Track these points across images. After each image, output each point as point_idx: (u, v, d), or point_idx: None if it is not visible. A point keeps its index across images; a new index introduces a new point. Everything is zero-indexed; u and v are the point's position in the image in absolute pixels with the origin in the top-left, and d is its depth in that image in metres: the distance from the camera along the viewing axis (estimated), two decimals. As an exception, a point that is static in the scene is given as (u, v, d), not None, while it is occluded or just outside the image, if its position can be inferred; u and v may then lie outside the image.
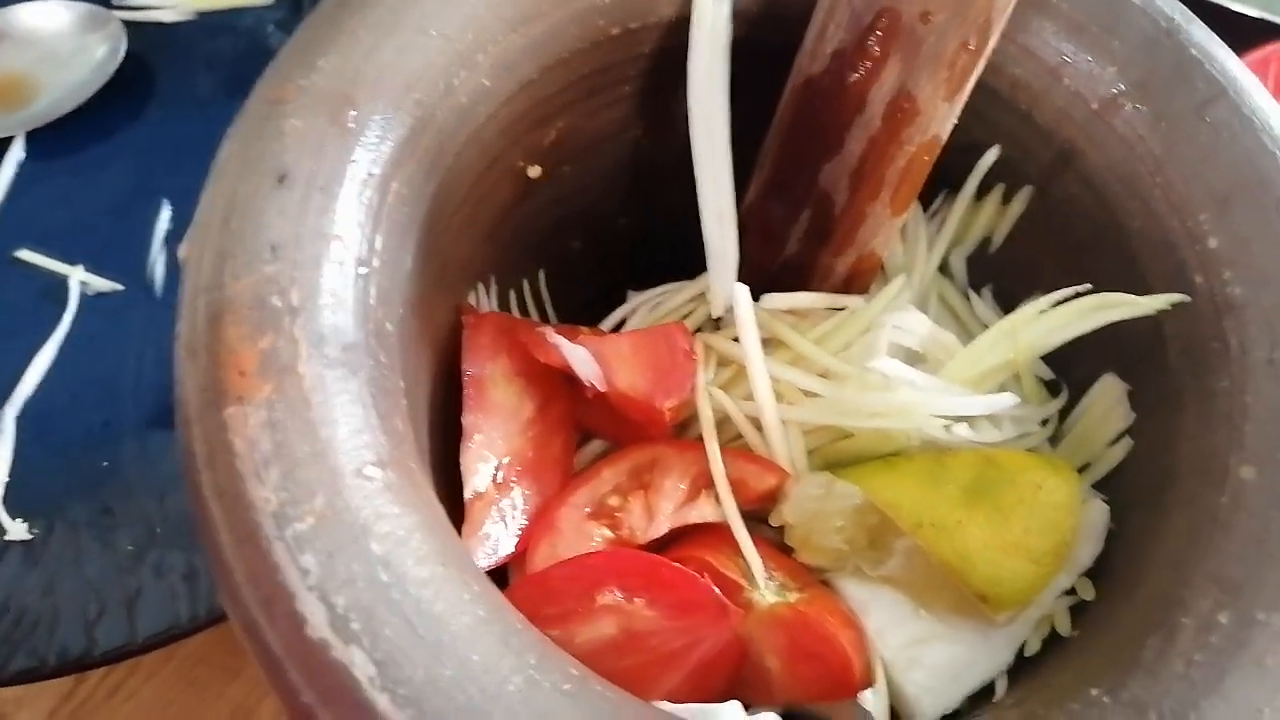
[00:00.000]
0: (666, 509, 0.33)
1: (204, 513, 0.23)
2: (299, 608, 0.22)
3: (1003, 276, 0.38)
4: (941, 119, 0.32)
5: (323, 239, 0.26)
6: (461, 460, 0.32)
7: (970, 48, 0.31)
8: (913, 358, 0.34)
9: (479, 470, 0.32)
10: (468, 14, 0.30)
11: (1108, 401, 0.33)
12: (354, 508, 0.23)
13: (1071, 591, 0.31)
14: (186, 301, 0.25)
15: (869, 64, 0.32)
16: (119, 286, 0.51)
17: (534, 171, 0.36)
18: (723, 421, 0.34)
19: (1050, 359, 0.34)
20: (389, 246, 0.28)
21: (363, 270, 0.27)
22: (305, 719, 0.22)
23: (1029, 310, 0.32)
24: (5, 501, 0.46)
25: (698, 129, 0.34)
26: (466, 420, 0.32)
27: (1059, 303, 0.32)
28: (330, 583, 0.22)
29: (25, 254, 0.52)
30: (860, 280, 0.36)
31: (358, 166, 0.27)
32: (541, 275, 0.40)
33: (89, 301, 0.51)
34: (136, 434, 0.47)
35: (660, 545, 0.33)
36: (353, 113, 0.28)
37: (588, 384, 0.32)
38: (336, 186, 0.27)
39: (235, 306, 0.25)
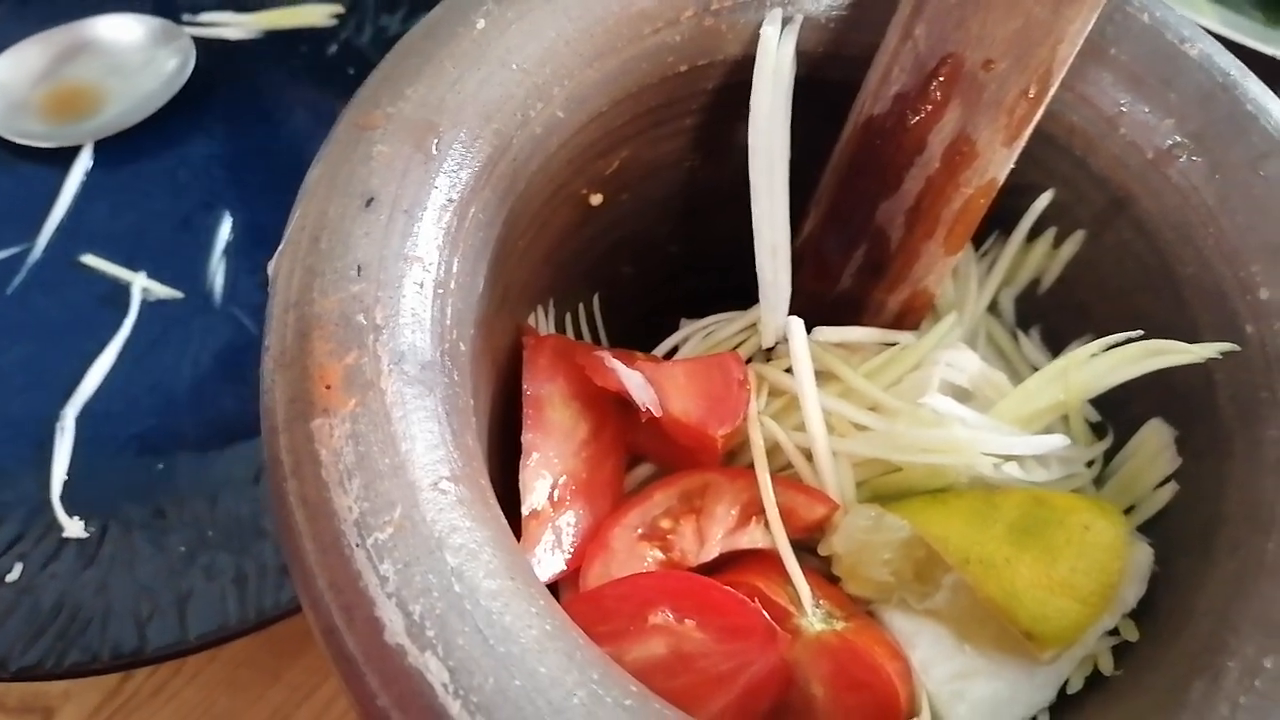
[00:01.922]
0: (717, 534, 0.34)
1: (288, 520, 0.24)
2: (378, 614, 0.23)
3: (1051, 317, 0.38)
4: (999, 163, 0.33)
5: (405, 260, 0.27)
6: (520, 478, 0.33)
7: (1030, 96, 0.32)
8: (962, 395, 0.35)
9: (536, 488, 0.33)
10: (547, 49, 0.31)
11: (1155, 446, 0.34)
12: (430, 520, 0.24)
13: (1115, 632, 0.32)
14: (276, 316, 0.26)
15: (930, 107, 0.33)
16: (179, 294, 0.53)
17: (595, 199, 0.37)
18: (772, 450, 0.35)
19: (1097, 400, 0.35)
20: (463, 269, 0.29)
21: (440, 291, 0.28)
22: (379, 723, 0.23)
23: (1081, 353, 0.33)
24: (63, 500, 0.47)
25: (757, 166, 0.35)
26: (526, 439, 0.33)
27: (1111, 346, 0.32)
28: (407, 590, 0.23)
29: (89, 259, 0.53)
30: (912, 317, 0.37)
31: (439, 192, 0.29)
32: (596, 300, 0.41)
33: (149, 308, 0.52)
34: (191, 439, 0.49)
35: (710, 570, 0.33)
36: (436, 140, 0.29)
37: (643, 409, 0.33)
38: (419, 210, 0.28)
39: (323, 323, 0.26)
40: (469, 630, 0.23)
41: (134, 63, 0.57)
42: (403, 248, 0.27)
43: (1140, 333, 0.32)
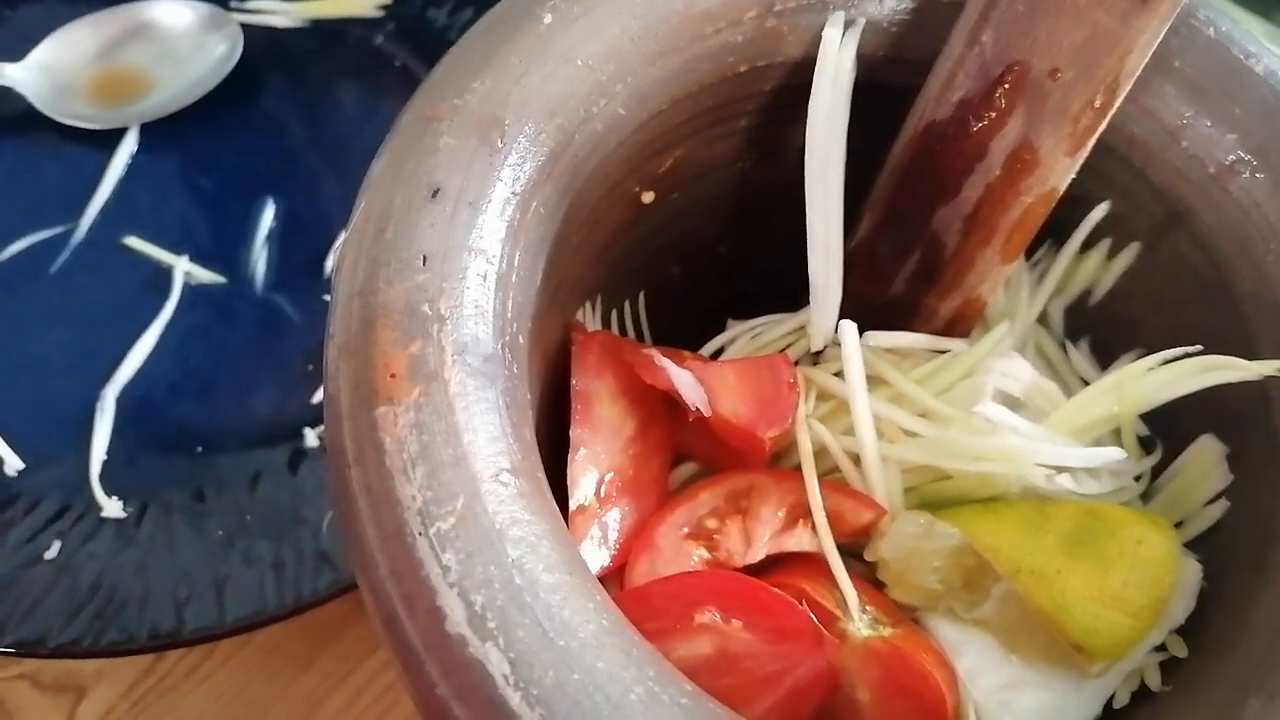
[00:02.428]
0: (764, 535, 0.34)
1: (351, 507, 0.24)
2: (440, 603, 0.23)
3: (1100, 329, 0.38)
4: (1061, 172, 0.33)
5: (469, 252, 0.27)
6: (569, 472, 0.33)
7: (1095, 106, 0.32)
8: (1013, 404, 0.34)
9: (583, 483, 0.33)
10: (611, 46, 0.31)
11: (1206, 462, 0.33)
12: (490, 512, 0.24)
13: (1162, 648, 0.31)
14: (341, 304, 0.27)
15: (994, 114, 0.33)
16: (221, 279, 0.53)
17: (647, 197, 0.37)
18: (819, 454, 0.35)
19: (1146, 415, 0.35)
20: (524, 263, 0.29)
21: (502, 284, 0.28)
22: (439, 712, 0.23)
23: (1138, 366, 0.32)
24: (102, 480, 0.47)
25: (813, 168, 0.35)
26: (574, 434, 0.33)
27: (1167, 361, 0.32)
28: (469, 581, 0.23)
29: (133, 241, 0.54)
30: (963, 324, 0.37)
31: (503, 185, 0.29)
32: (641, 297, 0.41)
33: (191, 291, 0.53)
34: (231, 424, 0.49)
35: (755, 571, 0.33)
36: (500, 134, 0.29)
37: (692, 408, 0.33)
38: (484, 203, 0.28)
39: (388, 311, 0.26)
40: (529, 623, 0.23)
41: (183, 48, 0.57)
42: (467, 239, 0.27)
43: (1199, 348, 0.32)
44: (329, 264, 0.51)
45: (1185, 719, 0.28)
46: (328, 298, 0.34)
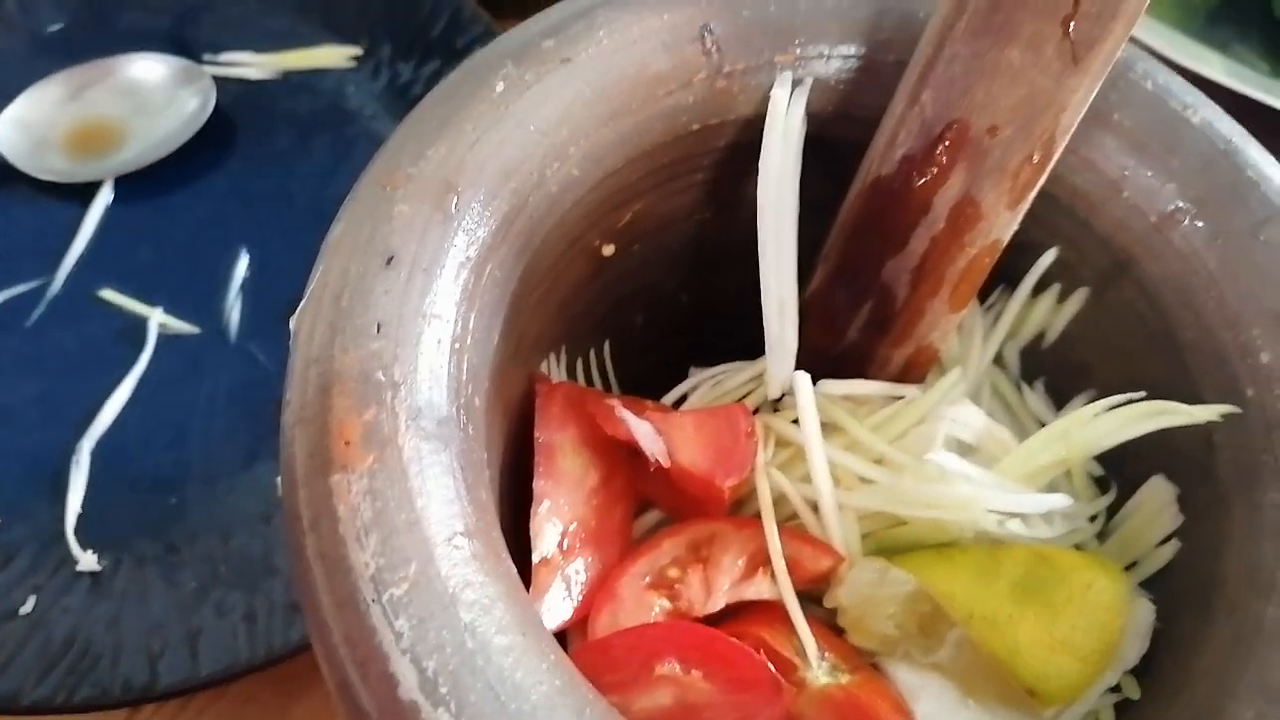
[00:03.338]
0: (724, 584, 0.34)
1: (306, 574, 0.25)
2: (392, 669, 0.23)
3: (1055, 372, 0.39)
4: (1004, 225, 0.34)
5: (423, 318, 0.28)
6: (531, 525, 0.33)
7: (1034, 161, 0.33)
8: (966, 449, 0.35)
9: (546, 536, 0.34)
10: (564, 110, 0.32)
11: (1157, 503, 0.34)
12: (444, 576, 0.25)
13: (1117, 688, 0.32)
14: (297, 371, 0.27)
15: (936, 170, 0.33)
16: (195, 329, 0.53)
17: (608, 250, 0.38)
18: (779, 501, 0.35)
19: (1102, 456, 0.35)
20: (479, 325, 0.30)
21: (456, 347, 0.29)
22: (392, 777, 0.23)
23: (1085, 412, 0.33)
24: (76, 533, 0.48)
25: (765, 222, 0.36)
26: (537, 486, 0.34)
27: (1114, 406, 0.33)
28: (421, 647, 0.24)
29: (107, 293, 0.54)
30: (916, 371, 0.38)
31: (457, 250, 0.29)
32: (606, 347, 0.42)
33: (165, 342, 0.53)
34: (205, 475, 0.49)
35: (717, 619, 0.34)
36: (455, 199, 0.30)
37: (651, 460, 0.34)
38: (437, 269, 0.29)
39: (343, 379, 0.26)
40: (481, 687, 0.23)
41: (156, 102, 0.58)
42: (421, 305, 0.28)
43: (1143, 394, 0.33)
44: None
45: (1134, 763, 0.29)
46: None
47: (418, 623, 0.24)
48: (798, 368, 0.36)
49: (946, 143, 0.32)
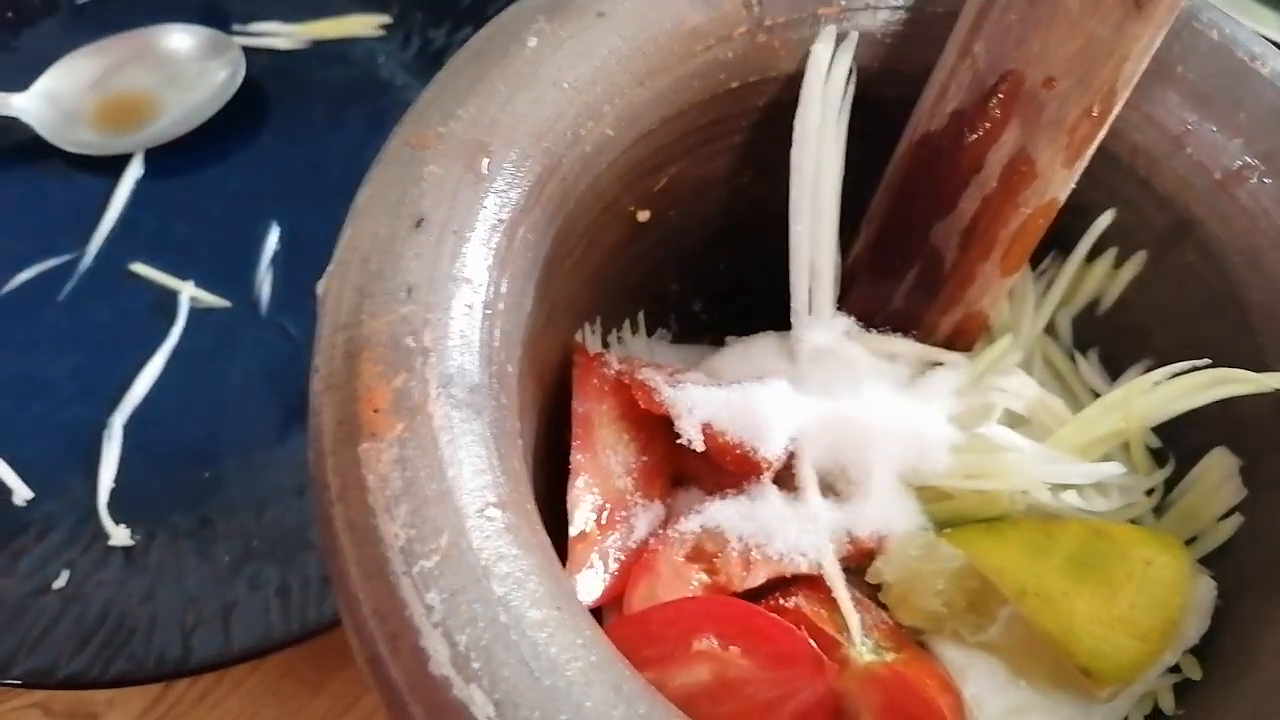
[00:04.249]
0: (763, 558, 0.33)
1: (334, 545, 0.24)
2: (423, 644, 0.23)
3: (1110, 340, 0.37)
4: (1060, 183, 0.32)
5: (454, 282, 0.27)
6: (568, 499, 0.32)
7: (1093, 115, 0.31)
8: (1016, 421, 0.34)
9: (583, 509, 0.33)
10: (598, 67, 0.31)
11: (1218, 476, 0.33)
12: (476, 548, 0.24)
13: (1176, 669, 0.31)
14: (325, 337, 0.26)
15: (988, 125, 0.32)
16: (226, 303, 0.53)
17: (643, 215, 0.36)
18: (821, 473, 0.34)
19: (1159, 427, 0.34)
20: (512, 290, 0.29)
21: (488, 313, 0.28)
22: (424, 754, 0.22)
23: (1143, 381, 0.32)
24: (109, 508, 0.48)
25: (800, 183, 0.35)
26: (574, 459, 0.33)
27: (1175, 374, 0.31)
28: (453, 620, 0.23)
29: (139, 267, 0.54)
30: (965, 338, 0.36)
31: (488, 212, 0.28)
32: (641, 315, 0.41)
33: (197, 316, 0.53)
34: (238, 448, 0.49)
35: (756, 594, 0.33)
36: (486, 160, 0.29)
37: (687, 441, 0.33)
38: (469, 231, 0.28)
39: (372, 345, 0.26)
40: (514, 662, 0.23)
41: (186, 73, 0.58)
42: (452, 269, 0.27)
43: (1207, 361, 0.31)
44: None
45: (1197, 746, 0.28)
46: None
47: (449, 596, 0.23)
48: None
49: (1000, 96, 0.31)
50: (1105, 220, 0.35)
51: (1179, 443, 0.35)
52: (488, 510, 0.25)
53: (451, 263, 0.27)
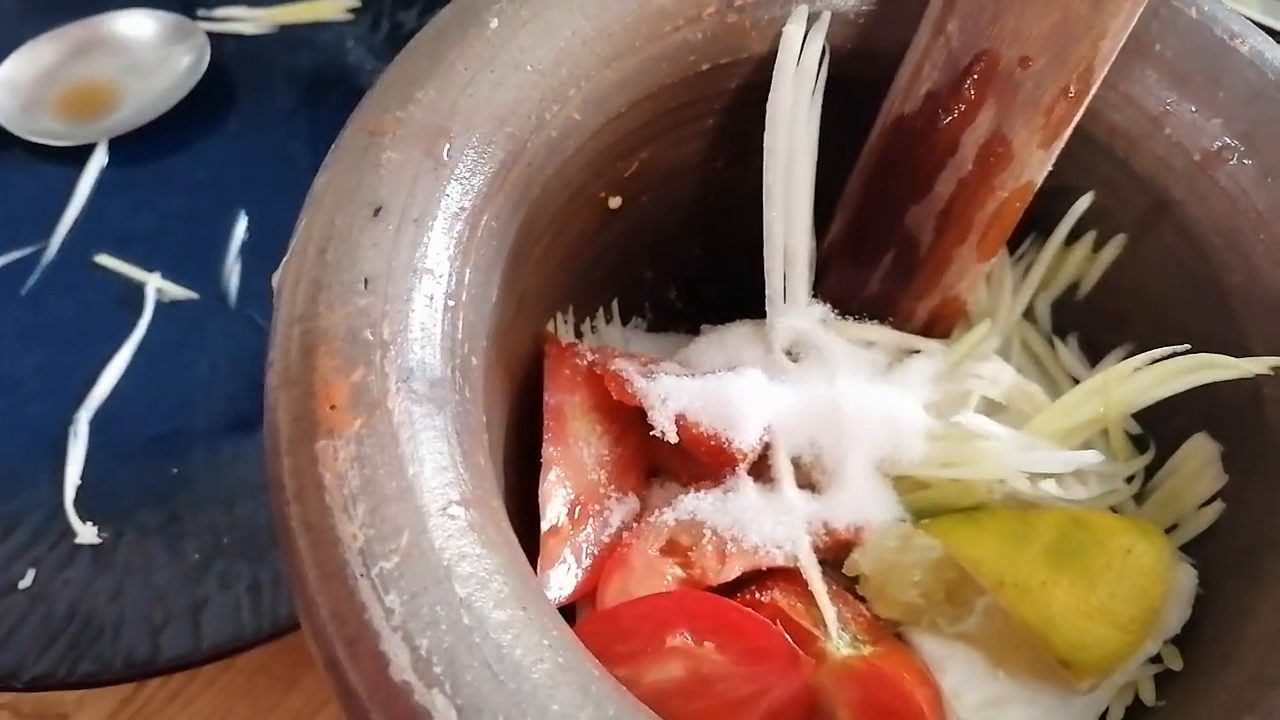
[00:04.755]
0: (738, 551, 0.32)
1: (291, 546, 0.23)
2: (383, 648, 0.22)
3: (1090, 325, 0.37)
4: (1036, 165, 0.32)
5: (414, 273, 0.26)
6: (540, 493, 0.32)
7: (1069, 95, 0.30)
8: (994, 409, 0.33)
9: (555, 504, 0.32)
10: (563, 49, 0.30)
11: (1199, 462, 0.32)
12: (438, 547, 0.23)
13: (1158, 658, 0.30)
14: (280, 330, 0.25)
15: (963, 107, 0.31)
16: (194, 295, 0.52)
17: (614, 202, 0.36)
18: (797, 464, 0.34)
19: (1139, 414, 0.33)
20: (476, 280, 0.28)
21: (451, 304, 0.27)
22: (385, 761, 0.22)
23: (1123, 367, 0.31)
24: (76, 505, 0.47)
25: (773, 167, 0.34)
26: (546, 452, 0.32)
27: (1154, 360, 0.31)
28: (414, 623, 0.22)
29: (104, 259, 0.53)
30: (942, 324, 0.36)
31: (450, 200, 0.27)
32: (615, 305, 0.40)
33: (164, 309, 0.52)
34: (207, 443, 0.48)
35: (732, 588, 0.32)
36: (447, 146, 0.28)
37: (660, 433, 0.32)
38: (429, 220, 0.27)
39: (329, 338, 0.25)
40: (477, 665, 0.22)
41: (149, 59, 0.56)
42: (412, 259, 0.26)
43: (1186, 346, 0.31)
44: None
45: (1178, 737, 0.27)
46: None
47: (409, 598, 0.22)
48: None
49: (974, 76, 0.30)
50: (1084, 203, 0.35)
51: (1159, 429, 0.34)
52: (450, 508, 0.24)
53: (411, 252, 0.26)
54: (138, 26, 0.57)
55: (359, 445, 0.24)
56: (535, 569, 0.31)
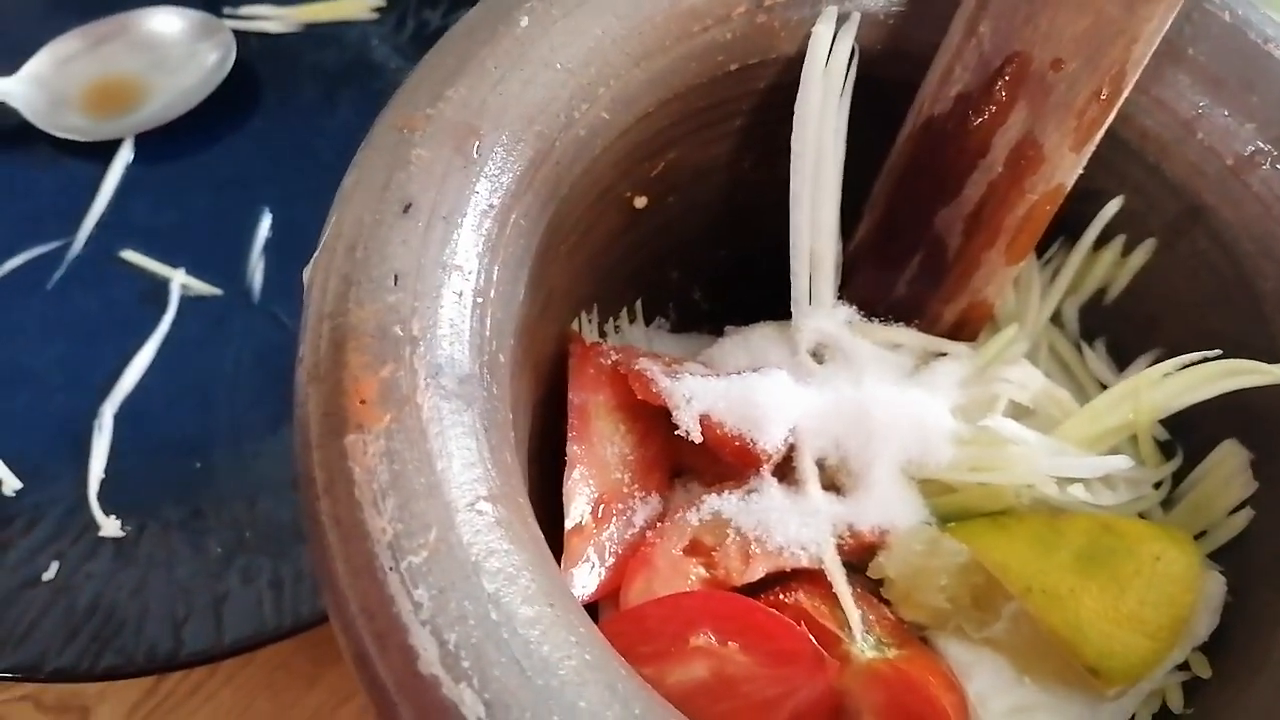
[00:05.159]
0: (762, 552, 0.32)
1: (321, 540, 0.23)
2: (412, 642, 0.22)
3: (1118, 330, 0.36)
4: (1068, 168, 0.31)
5: (444, 269, 0.26)
6: (564, 492, 0.32)
7: (1102, 98, 0.30)
8: (1022, 413, 0.33)
9: (579, 502, 0.32)
10: (593, 48, 0.30)
11: (1229, 469, 0.32)
12: (466, 543, 0.23)
13: (1185, 666, 0.30)
14: (310, 326, 0.26)
15: (994, 108, 0.31)
16: (218, 291, 0.52)
17: (640, 202, 0.36)
18: (822, 466, 0.34)
19: (1167, 420, 0.33)
20: (504, 277, 0.28)
21: (479, 301, 0.27)
22: (412, 756, 0.22)
23: (1153, 372, 0.31)
24: (100, 498, 0.47)
25: (800, 169, 0.34)
26: (570, 451, 0.32)
27: (1185, 366, 0.31)
28: (442, 618, 0.22)
29: (129, 254, 0.53)
30: (969, 328, 0.36)
31: (479, 197, 0.28)
32: (639, 304, 0.40)
33: (188, 304, 0.52)
34: (230, 438, 0.48)
35: (756, 589, 0.32)
36: (477, 143, 0.28)
37: (685, 433, 0.32)
38: (459, 217, 0.27)
39: (358, 334, 0.25)
40: (505, 661, 0.22)
41: (175, 56, 0.57)
42: (441, 256, 0.26)
43: (1217, 352, 0.30)
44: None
45: (1206, 746, 0.27)
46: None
47: (438, 592, 0.22)
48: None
49: (1006, 78, 0.30)
50: (1114, 207, 0.34)
51: (1188, 435, 0.34)
52: (478, 504, 0.24)
53: (441, 249, 0.26)
54: (164, 23, 0.57)
55: (388, 440, 0.24)
56: (560, 568, 0.31)
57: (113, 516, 0.46)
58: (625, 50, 0.30)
